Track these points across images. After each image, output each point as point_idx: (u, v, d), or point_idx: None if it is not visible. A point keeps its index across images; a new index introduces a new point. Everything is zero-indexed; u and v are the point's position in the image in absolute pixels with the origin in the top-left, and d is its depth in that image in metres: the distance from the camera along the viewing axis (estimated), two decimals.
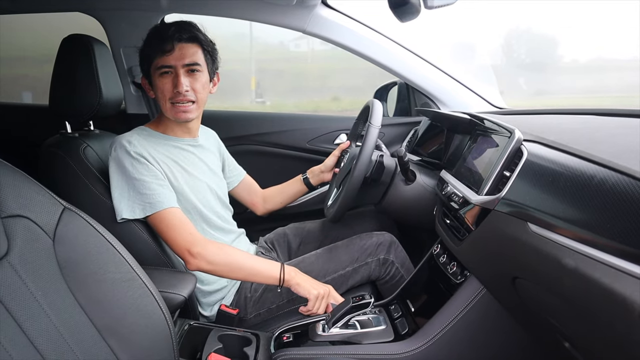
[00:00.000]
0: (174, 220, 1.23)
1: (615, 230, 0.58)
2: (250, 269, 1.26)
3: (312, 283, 1.29)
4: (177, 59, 1.28)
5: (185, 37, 1.29)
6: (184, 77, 1.28)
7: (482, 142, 1.19)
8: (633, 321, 0.52)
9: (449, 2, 1.05)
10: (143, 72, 1.36)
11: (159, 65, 1.28)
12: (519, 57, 6.45)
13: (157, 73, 1.29)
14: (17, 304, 0.73)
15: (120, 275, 0.88)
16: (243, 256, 1.29)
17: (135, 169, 1.22)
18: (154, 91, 1.34)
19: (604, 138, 0.79)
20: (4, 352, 0.68)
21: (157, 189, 1.23)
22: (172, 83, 1.29)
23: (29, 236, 0.79)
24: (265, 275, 1.27)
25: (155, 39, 1.29)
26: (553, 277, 0.70)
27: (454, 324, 1.10)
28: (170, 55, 1.27)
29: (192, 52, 1.30)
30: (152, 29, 1.33)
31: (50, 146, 1.34)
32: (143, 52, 1.33)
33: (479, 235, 1.00)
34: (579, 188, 0.68)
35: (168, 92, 1.29)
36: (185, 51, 1.28)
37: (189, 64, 1.29)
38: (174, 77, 1.29)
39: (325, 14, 1.81)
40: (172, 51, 1.27)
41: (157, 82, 1.30)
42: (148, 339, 0.90)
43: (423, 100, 1.95)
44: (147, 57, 1.31)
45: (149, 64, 1.31)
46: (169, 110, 1.32)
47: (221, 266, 1.23)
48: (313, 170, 1.71)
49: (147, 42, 1.31)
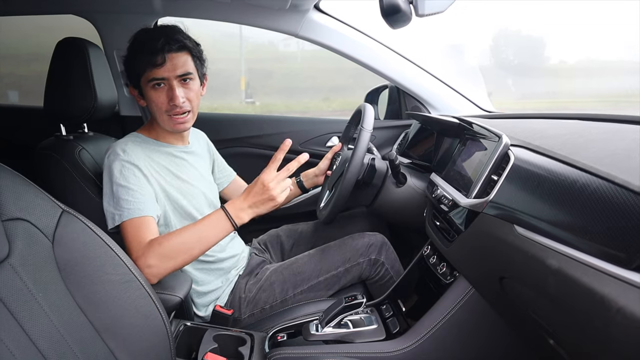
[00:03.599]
0: (130, 232, 1.16)
1: (595, 233, 0.61)
2: (198, 243, 1.14)
3: (261, 200, 1.16)
4: (169, 71, 1.25)
5: (175, 48, 1.26)
6: (178, 88, 1.27)
7: (471, 145, 1.22)
8: (610, 318, 0.55)
9: (440, 10, 1.08)
10: (131, 82, 1.33)
11: (150, 78, 1.26)
12: (507, 58, 6.50)
13: (149, 85, 1.27)
14: (18, 305, 0.75)
15: (118, 276, 0.90)
16: (185, 235, 1.14)
17: (123, 176, 1.21)
18: (147, 102, 1.31)
19: (587, 143, 0.82)
20: (7, 351, 0.70)
21: (139, 197, 1.20)
22: (167, 95, 1.27)
23: (29, 239, 0.80)
24: (218, 235, 1.16)
25: (144, 52, 1.25)
26: (538, 277, 0.72)
27: (443, 322, 1.12)
28: (162, 68, 1.24)
29: (182, 61, 1.27)
30: (134, 41, 1.29)
31: (45, 149, 1.35)
32: (130, 63, 1.29)
33: (468, 237, 1.02)
34: (562, 192, 0.71)
35: (163, 104, 1.28)
36: (176, 61, 1.26)
37: (182, 74, 1.27)
38: (168, 89, 1.27)
39: (318, 18, 1.83)
40: (164, 64, 1.24)
41: (151, 95, 1.28)
42: (146, 339, 0.92)
43: (413, 103, 1.97)
44: (135, 70, 1.28)
45: (139, 76, 1.28)
46: (166, 121, 1.31)
47: (168, 258, 1.10)
48: (307, 173, 1.72)
49: (134, 53, 1.27)
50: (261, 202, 1.16)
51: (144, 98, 1.32)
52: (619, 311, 0.54)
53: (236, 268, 1.50)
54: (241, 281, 1.47)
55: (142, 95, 1.32)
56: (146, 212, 1.19)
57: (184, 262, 1.14)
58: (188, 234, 1.14)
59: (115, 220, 1.18)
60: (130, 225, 1.16)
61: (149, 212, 1.19)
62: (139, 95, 1.33)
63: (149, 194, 1.23)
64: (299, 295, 1.42)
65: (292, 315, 1.34)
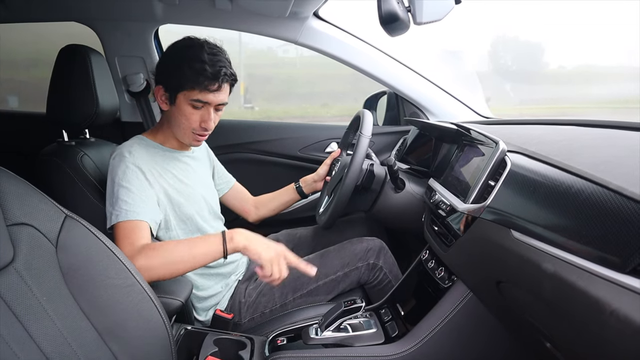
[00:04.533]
0: (122, 232, 1.16)
1: (590, 237, 0.62)
2: (189, 258, 1.13)
3: (262, 243, 1.17)
4: (216, 98, 1.27)
5: (230, 80, 1.28)
6: (213, 114, 1.30)
7: (468, 151, 1.23)
8: (604, 321, 0.56)
9: (437, 18, 1.10)
10: (165, 85, 1.29)
11: (195, 98, 1.25)
12: (506, 64, 6.52)
13: (189, 102, 1.26)
14: (23, 309, 0.76)
15: (120, 281, 0.91)
16: (179, 248, 1.14)
17: (126, 177, 1.22)
18: (176, 113, 1.30)
19: (582, 149, 0.83)
20: (11, 353, 0.71)
21: (137, 201, 1.20)
22: (201, 117, 1.29)
23: (33, 243, 0.82)
24: (209, 256, 1.14)
25: (203, 72, 1.22)
26: (534, 281, 0.73)
27: (441, 326, 1.13)
28: (213, 94, 1.25)
29: (226, 92, 1.30)
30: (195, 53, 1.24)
31: (48, 154, 1.36)
32: (178, 72, 1.24)
33: (465, 242, 1.03)
34: (557, 197, 0.72)
35: (195, 123, 1.29)
36: (225, 91, 1.28)
37: (222, 103, 1.30)
38: (204, 112, 1.28)
39: (317, 25, 1.85)
40: (217, 92, 1.26)
41: (186, 111, 1.27)
42: (148, 343, 0.93)
43: (412, 109, 1.99)
44: (182, 81, 1.24)
45: (181, 88, 1.25)
46: (188, 136, 1.32)
47: (156, 268, 1.09)
48: (306, 179, 1.73)
49: (189, 65, 1.23)
50: (264, 243, 1.18)
51: (171, 105, 1.30)
52: (613, 314, 0.55)
53: (235, 273, 1.51)
54: (241, 286, 1.48)
55: (171, 102, 1.30)
56: (142, 216, 1.19)
57: (167, 274, 1.11)
58: (185, 246, 1.15)
59: (112, 219, 1.18)
60: (124, 226, 1.17)
61: (144, 217, 1.20)
62: (167, 99, 1.30)
63: (149, 199, 1.24)
64: (299, 300, 1.43)
65: (292, 319, 1.35)
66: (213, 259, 1.15)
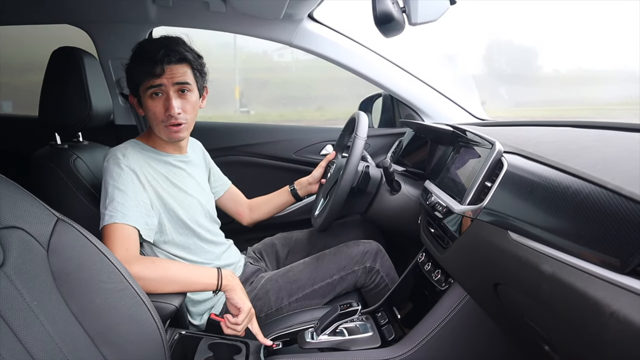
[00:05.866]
0: (117, 237, 1.16)
1: (588, 238, 0.62)
2: (183, 280, 1.17)
3: (246, 296, 1.24)
4: (168, 80, 1.26)
5: (175, 59, 1.27)
6: (175, 99, 1.28)
7: (464, 153, 1.23)
8: (604, 322, 0.55)
9: (432, 19, 1.09)
10: (131, 90, 1.34)
11: (148, 86, 1.26)
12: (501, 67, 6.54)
13: (147, 94, 1.27)
14: (13, 314, 0.75)
15: (113, 285, 0.89)
16: (177, 268, 1.20)
17: (121, 179, 1.21)
18: (145, 111, 1.32)
19: (579, 150, 0.83)
20: None
21: (127, 202, 1.20)
22: (164, 105, 1.28)
23: (24, 247, 0.80)
24: (202, 283, 1.19)
25: (143, 62, 1.26)
26: (532, 283, 0.73)
27: (438, 329, 1.13)
28: (163, 77, 1.26)
29: (181, 72, 1.28)
30: (137, 49, 1.30)
31: (40, 158, 1.34)
32: (130, 72, 1.30)
33: (462, 244, 1.03)
34: (555, 198, 0.72)
35: (160, 114, 1.28)
36: (174, 72, 1.27)
37: (179, 82, 1.28)
38: (165, 99, 1.27)
39: (312, 27, 1.85)
40: (162, 74, 1.25)
41: (148, 104, 1.29)
42: (141, 348, 0.91)
43: (407, 111, 1.99)
44: (135, 78, 1.29)
45: (138, 85, 1.29)
46: (162, 130, 1.31)
47: (150, 280, 1.10)
48: (301, 182, 1.72)
49: (134, 63, 1.29)
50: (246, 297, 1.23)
51: (142, 107, 1.32)
52: (613, 315, 0.55)
53: None
54: None
55: (141, 104, 1.32)
56: (135, 221, 1.19)
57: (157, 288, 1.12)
58: (182, 269, 1.20)
59: (106, 219, 1.17)
60: (118, 229, 1.16)
61: (137, 222, 1.19)
62: (138, 104, 1.33)
63: (143, 203, 1.23)
64: (294, 304, 1.41)
65: (288, 323, 1.34)
66: (204, 289, 1.21)
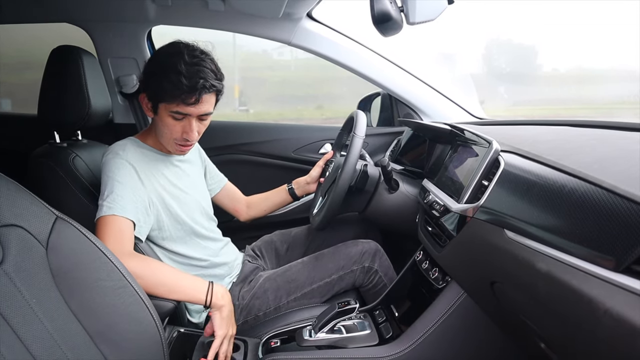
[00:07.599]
0: (113, 229, 1.14)
1: (583, 237, 0.62)
2: (172, 285, 1.14)
3: (233, 316, 1.21)
4: (197, 110, 1.22)
5: (210, 91, 1.22)
6: (195, 123, 1.26)
7: (462, 152, 1.23)
8: (598, 320, 0.56)
9: (430, 18, 1.10)
10: (148, 96, 1.27)
11: (175, 110, 1.21)
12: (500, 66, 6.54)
13: (169, 113, 1.23)
14: (12, 311, 0.75)
15: (112, 282, 0.90)
16: (168, 272, 1.17)
17: (120, 172, 1.21)
18: (159, 123, 1.28)
19: (575, 149, 0.83)
20: (0, 357, 0.70)
21: (126, 195, 1.18)
22: (183, 128, 1.25)
23: (23, 245, 0.81)
24: (190, 294, 1.16)
25: (176, 85, 1.17)
26: (528, 281, 0.73)
27: (436, 327, 1.13)
28: (192, 107, 1.21)
29: (210, 102, 1.25)
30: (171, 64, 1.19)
31: (39, 156, 1.34)
32: (156, 83, 1.21)
33: (459, 242, 1.03)
34: (551, 197, 0.72)
35: (176, 134, 1.26)
36: (204, 102, 1.22)
37: (204, 113, 1.25)
38: (186, 123, 1.25)
39: (310, 26, 1.85)
40: (195, 104, 1.20)
41: (167, 122, 1.24)
42: (139, 345, 0.92)
43: (406, 110, 1.99)
44: (160, 93, 1.21)
45: (160, 100, 1.22)
46: (172, 146, 1.30)
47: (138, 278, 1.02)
48: (298, 181, 1.72)
49: (164, 78, 1.18)
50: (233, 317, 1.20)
51: (155, 114, 1.28)
52: (607, 313, 0.55)
53: (230, 275, 1.50)
54: (235, 288, 1.47)
55: (154, 111, 1.27)
56: (133, 215, 1.18)
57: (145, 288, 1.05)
58: (173, 274, 1.17)
59: (103, 210, 1.16)
60: (114, 221, 1.15)
61: (134, 216, 1.19)
62: (151, 109, 1.28)
63: (141, 199, 1.23)
64: (293, 303, 1.42)
65: (286, 321, 1.35)
66: (191, 300, 1.17)
